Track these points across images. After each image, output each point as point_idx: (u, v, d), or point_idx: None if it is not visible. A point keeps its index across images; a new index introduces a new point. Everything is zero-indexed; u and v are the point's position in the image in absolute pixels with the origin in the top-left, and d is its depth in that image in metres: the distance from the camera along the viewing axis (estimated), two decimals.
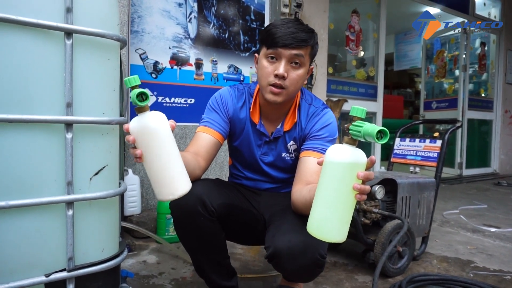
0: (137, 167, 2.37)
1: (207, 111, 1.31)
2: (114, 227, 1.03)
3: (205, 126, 1.26)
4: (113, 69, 0.98)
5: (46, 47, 0.84)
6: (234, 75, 2.83)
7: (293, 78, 1.18)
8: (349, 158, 0.81)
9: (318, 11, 3.30)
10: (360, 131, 0.79)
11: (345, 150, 0.82)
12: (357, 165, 0.81)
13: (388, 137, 0.77)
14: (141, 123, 0.86)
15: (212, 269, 1.26)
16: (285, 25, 1.16)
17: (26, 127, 0.82)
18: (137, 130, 0.86)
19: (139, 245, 2.04)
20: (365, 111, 0.81)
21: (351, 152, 0.82)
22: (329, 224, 0.84)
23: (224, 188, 1.28)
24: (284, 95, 1.20)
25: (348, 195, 0.82)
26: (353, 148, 0.83)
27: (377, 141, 0.76)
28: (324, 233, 0.84)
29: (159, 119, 0.87)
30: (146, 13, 2.40)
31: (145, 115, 0.86)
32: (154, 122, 0.86)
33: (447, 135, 2.03)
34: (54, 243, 0.88)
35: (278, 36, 1.14)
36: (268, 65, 1.19)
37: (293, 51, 1.15)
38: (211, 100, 1.33)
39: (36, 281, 0.86)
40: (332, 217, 0.83)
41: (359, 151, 0.83)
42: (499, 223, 2.75)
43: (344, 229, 0.84)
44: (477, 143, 5.49)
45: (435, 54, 5.49)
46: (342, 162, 0.81)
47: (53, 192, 0.87)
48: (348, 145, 0.83)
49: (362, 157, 0.82)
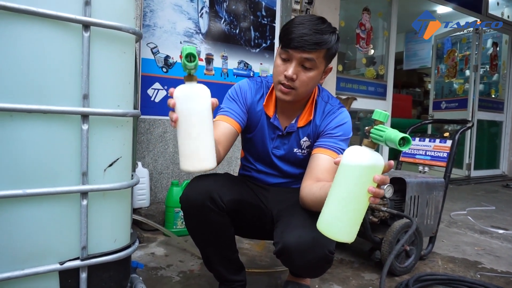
0: (146, 161, 2.39)
1: (226, 101, 1.32)
2: (126, 218, 1.04)
3: (223, 115, 1.27)
4: (129, 62, 0.99)
5: (64, 39, 0.85)
6: (244, 71, 2.83)
7: (303, 80, 1.18)
8: (368, 161, 0.81)
9: (329, 8, 3.28)
10: (382, 136, 0.79)
11: (364, 152, 0.82)
12: (375, 169, 0.82)
13: (411, 144, 0.77)
14: (186, 90, 0.90)
15: (221, 263, 1.27)
16: (301, 25, 1.13)
17: (43, 117, 0.84)
18: (181, 95, 0.90)
19: (147, 237, 2.06)
20: (388, 115, 0.81)
21: (370, 155, 0.82)
22: (340, 224, 0.84)
23: (234, 183, 1.29)
24: (293, 95, 1.20)
25: (363, 197, 0.82)
26: (372, 151, 0.83)
27: (399, 148, 0.76)
28: (333, 232, 0.85)
29: (203, 91, 0.91)
30: (158, 8, 2.41)
31: (191, 84, 0.91)
32: (198, 91, 0.90)
33: (458, 135, 2.02)
34: (68, 232, 0.90)
35: (290, 37, 1.13)
36: (280, 63, 1.19)
37: (303, 55, 1.14)
38: (230, 91, 1.34)
39: (51, 268, 0.87)
40: (343, 217, 0.84)
41: (377, 154, 0.83)
42: (507, 225, 2.73)
43: (354, 230, 0.85)
44: (486, 144, 5.43)
45: (445, 54, 5.44)
46: (360, 164, 0.81)
47: (68, 182, 0.88)
48: (367, 148, 0.83)
49: (380, 160, 0.82)
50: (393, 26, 4.13)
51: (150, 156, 2.42)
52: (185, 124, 0.91)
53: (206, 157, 0.94)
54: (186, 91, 0.91)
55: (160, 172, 2.46)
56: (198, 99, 0.91)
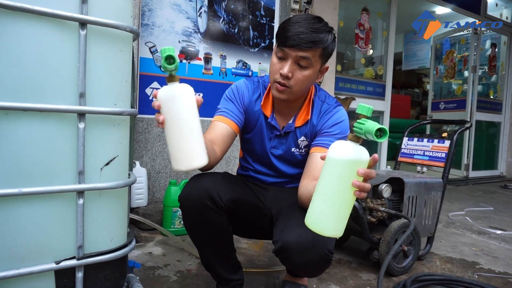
0: (144, 160, 2.39)
1: (223, 101, 1.32)
2: (123, 218, 1.04)
3: (221, 116, 1.27)
4: (126, 60, 0.98)
5: (61, 37, 0.85)
6: (243, 70, 2.83)
7: (298, 78, 1.17)
8: (350, 155, 0.81)
9: (328, 8, 3.28)
10: (362, 129, 0.79)
11: (347, 146, 0.82)
12: (359, 163, 0.81)
13: (387, 136, 0.77)
14: (169, 91, 0.91)
15: (219, 262, 1.27)
16: (297, 24, 1.13)
17: (39, 116, 0.83)
18: (164, 97, 0.91)
19: (145, 236, 2.05)
20: (371, 109, 0.81)
21: (353, 149, 0.82)
22: (326, 219, 0.84)
23: (232, 182, 1.29)
24: (288, 93, 1.20)
25: (348, 191, 0.82)
26: (355, 145, 0.82)
27: (376, 139, 0.76)
28: (320, 227, 0.85)
29: (185, 89, 0.92)
30: (157, 7, 2.41)
31: (174, 85, 0.92)
32: (180, 91, 0.91)
33: (456, 135, 2.02)
34: (64, 231, 0.89)
35: (286, 35, 1.13)
36: (276, 62, 1.19)
37: (299, 53, 1.13)
38: (228, 91, 1.34)
39: (46, 268, 0.87)
40: (329, 212, 0.84)
41: (362, 148, 0.83)
42: (505, 225, 2.73)
43: (341, 224, 0.85)
44: (484, 145, 5.45)
45: (444, 54, 5.44)
46: (343, 158, 0.81)
47: (65, 181, 0.87)
48: (352, 142, 0.83)
49: (364, 154, 0.82)
50: (392, 26, 4.14)
51: (148, 155, 2.42)
52: (172, 125, 0.92)
53: (196, 155, 0.94)
54: (169, 92, 0.91)
55: (158, 171, 2.46)
56: (181, 99, 0.91)
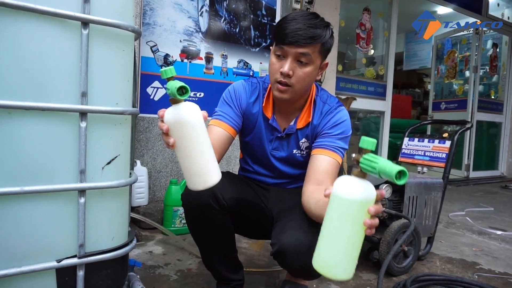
0: (145, 159, 2.39)
1: (220, 104, 1.30)
2: (124, 217, 1.04)
3: (218, 120, 1.25)
4: (127, 60, 0.99)
5: (63, 37, 0.85)
6: (244, 70, 2.83)
7: (299, 76, 1.16)
8: (360, 195, 0.74)
9: (329, 8, 3.28)
10: (376, 168, 0.72)
11: (355, 185, 0.75)
12: (368, 202, 0.75)
13: (407, 177, 0.70)
14: (176, 114, 0.87)
15: (220, 261, 1.27)
16: (294, 21, 1.12)
17: (41, 115, 0.84)
18: (172, 120, 0.87)
19: (145, 235, 2.06)
20: (375, 143, 0.75)
21: (362, 188, 0.75)
22: (337, 263, 0.78)
23: (235, 182, 1.29)
24: (290, 92, 1.18)
25: (359, 232, 0.76)
26: (363, 182, 0.76)
27: (396, 181, 0.69)
28: (330, 271, 0.79)
29: (193, 111, 0.88)
30: (158, 6, 2.41)
31: (180, 106, 0.87)
32: (189, 114, 0.87)
33: (457, 136, 2.02)
34: (65, 229, 0.90)
35: (284, 33, 1.12)
36: (275, 61, 1.17)
37: (298, 50, 1.12)
38: (225, 93, 1.32)
39: (48, 266, 0.87)
40: (340, 255, 0.78)
41: (369, 185, 0.77)
42: (505, 226, 2.73)
43: (352, 266, 0.79)
44: (485, 145, 5.44)
45: (445, 54, 5.44)
46: (352, 199, 0.74)
47: (66, 180, 0.88)
48: (358, 178, 0.76)
49: (372, 192, 0.76)
50: (393, 26, 4.13)
51: (149, 154, 2.42)
52: (183, 148, 0.89)
53: (210, 173, 0.91)
54: (177, 116, 0.87)
55: (159, 170, 2.46)
56: (191, 123, 0.88)
